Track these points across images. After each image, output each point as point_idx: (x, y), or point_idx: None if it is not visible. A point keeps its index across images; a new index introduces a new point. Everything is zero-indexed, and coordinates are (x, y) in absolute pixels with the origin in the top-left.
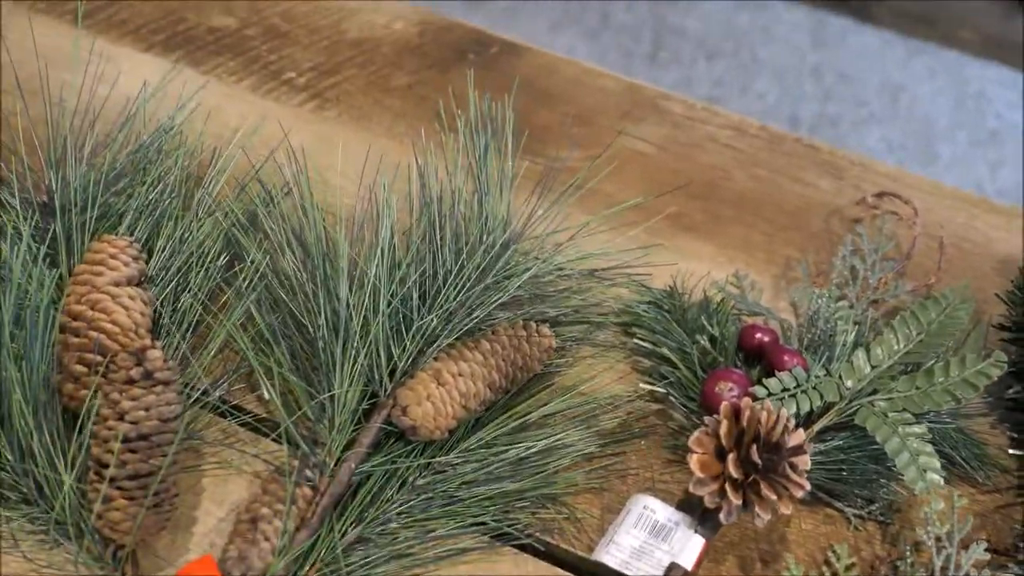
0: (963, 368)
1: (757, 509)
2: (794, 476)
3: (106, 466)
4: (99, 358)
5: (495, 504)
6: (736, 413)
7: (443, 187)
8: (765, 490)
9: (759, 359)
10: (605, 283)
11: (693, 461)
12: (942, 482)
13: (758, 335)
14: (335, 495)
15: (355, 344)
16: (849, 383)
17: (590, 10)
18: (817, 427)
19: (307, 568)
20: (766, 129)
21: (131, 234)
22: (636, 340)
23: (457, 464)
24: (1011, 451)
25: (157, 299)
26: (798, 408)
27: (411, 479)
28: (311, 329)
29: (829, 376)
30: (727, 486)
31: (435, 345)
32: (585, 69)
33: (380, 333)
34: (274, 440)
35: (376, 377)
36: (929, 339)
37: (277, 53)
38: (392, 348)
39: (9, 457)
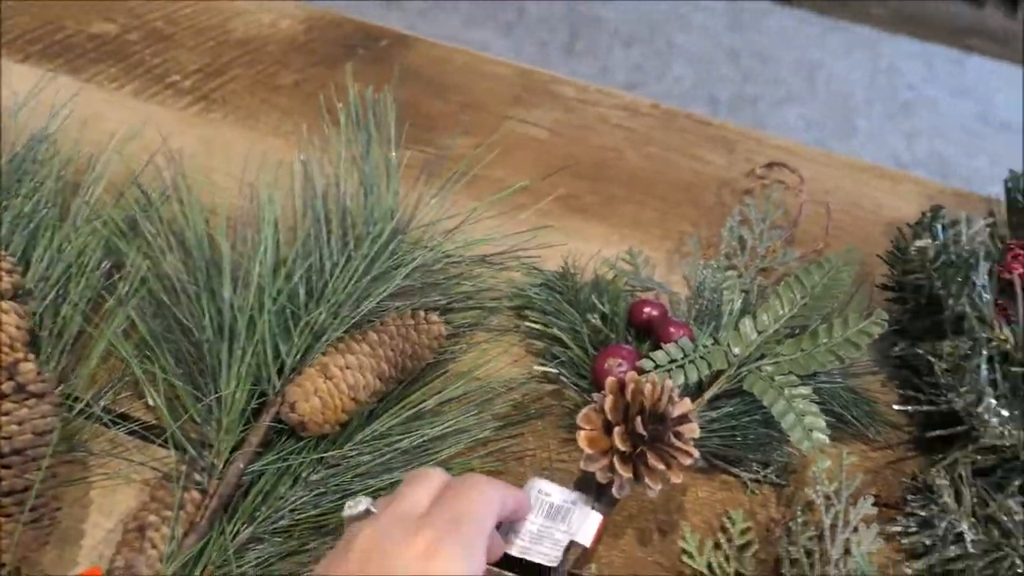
0: (845, 328)
1: (647, 480)
2: (681, 444)
3: None
4: None
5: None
6: (622, 387)
7: (329, 181)
8: (653, 460)
9: (650, 334)
10: (496, 268)
11: (581, 438)
12: (827, 440)
13: (647, 310)
14: (224, 497)
15: (241, 344)
16: (736, 350)
17: (505, 5)
18: (708, 395)
19: (198, 572)
20: (658, 107)
21: (5, 247)
22: (528, 323)
23: (351, 457)
24: (896, 407)
25: (37, 311)
26: (686, 378)
27: (304, 475)
28: (196, 332)
29: (717, 344)
30: (616, 460)
31: (324, 339)
32: (476, 57)
33: (266, 331)
34: (161, 446)
35: (265, 376)
36: (814, 302)
37: (160, 57)
38: (280, 345)
39: None
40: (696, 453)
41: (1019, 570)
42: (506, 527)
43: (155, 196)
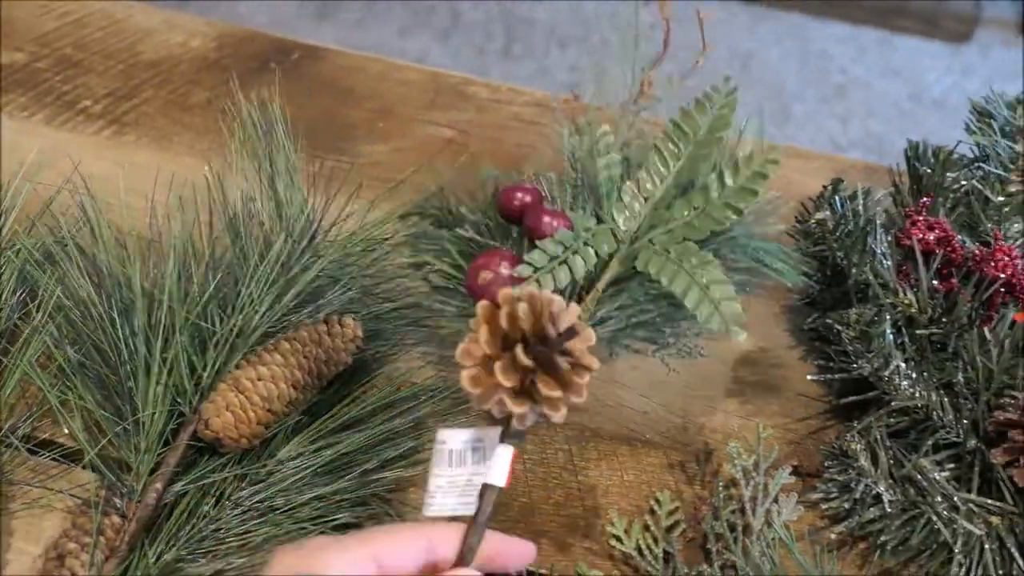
0: (737, 173)
1: (547, 410)
2: (575, 360)
3: None
4: None
5: (316, 509)
6: (496, 311)
7: (240, 196)
8: (545, 389)
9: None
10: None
11: (464, 379)
12: (740, 312)
13: (519, 196)
14: (144, 520)
15: (156, 365)
16: (623, 224)
17: (439, 11)
18: (602, 285)
19: None
20: (570, 103)
21: None
22: (426, 272)
23: (274, 471)
24: (809, 376)
25: None
26: (572, 274)
27: (226, 493)
28: (112, 355)
29: (601, 224)
30: (505, 397)
31: (239, 352)
32: (389, 64)
33: (180, 350)
34: (84, 469)
35: (182, 395)
36: (699, 150)
37: (71, 83)
38: (195, 363)
39: None
40: (595, 363)
41: (935, 527)
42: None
43: (68, 222)
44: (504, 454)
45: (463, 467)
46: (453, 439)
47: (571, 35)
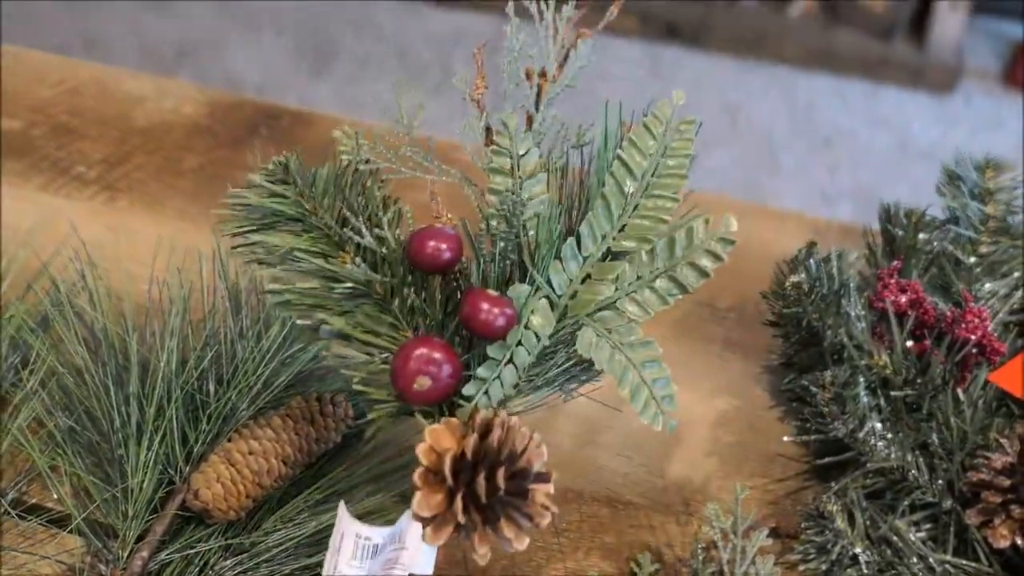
0: (689, 245)
1: (512, 542)
2: (543, 503)
3: None
4: None
5: None
6: (462, 436)
7: (239, 265)
8: (508, 530)
9: (443, 278)
10: None
11: (418, 501)
12: (674, 407)
13: (432, 245)
14: None
15: (149, 434)
16: (559, 288)
17: (432, 68)
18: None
19: None
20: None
21: None
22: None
23: (258, 543)
24: (786, 438)
25: None
26: (517, 368)
27: (211, 563)
28: (105, 423)
29: (539, 292)
30: (473, 540)
31: (232, 424)
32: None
33: (174, 420)
34: (72, 533)
35: (173, 463)
36: (652, 191)
37: (65, 150)
38: (188, 433)
39: None
40: (555, 508)
41: None
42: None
43: (64, 288)
44: (431, 550)
45: (388, 557)
46: (377, 535)
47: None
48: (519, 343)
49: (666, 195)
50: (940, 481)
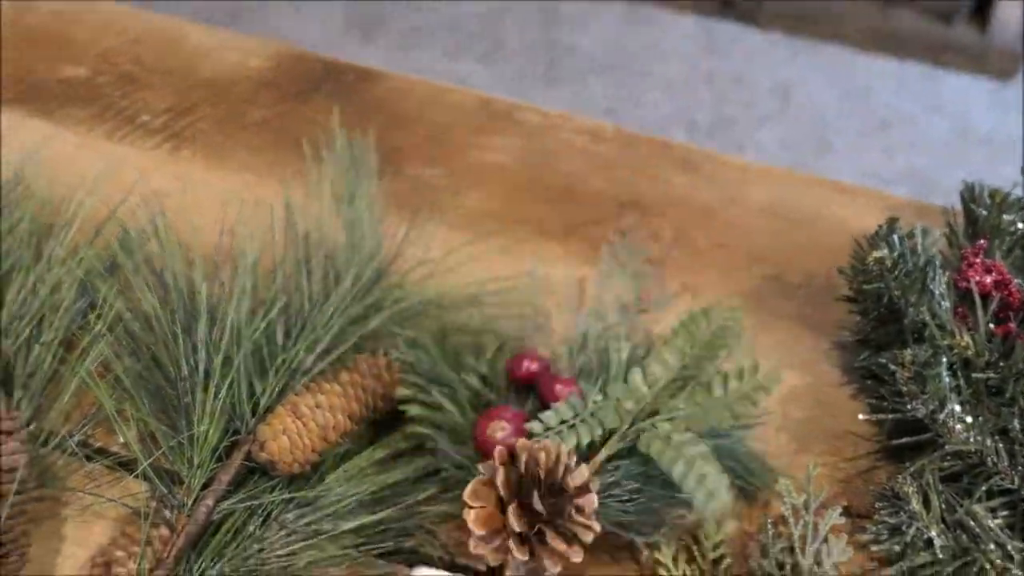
0: (741, 382)
1: (546, 561)
2: (582, 520)
3: None
4: None
5: (361, 536)
6: (512, 456)
7: (310, 219)
8: (552, 540)
9: (533, 391)
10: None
11: (472, 517)
12: (728, 502)
13: (526, 363)
14: (192, 534)
15: (216, 383)
16: (629, 404)
17: (483, 37)
18: (601, 457)
19: None
20: (620, 132)
21: None
22: (400, 390)
23: (321, 497)
24: (861, 416)
25: (10, 350)
26: (579, 440)
27: (274, 514)
28: (172, 370)
29: (607, 400)
30: (511, 541)
31: (299, 379)
32: (438, 88)
33: (241, 371)
34: (136, 479)
35: (239, 414)
36: (703, 351)
37: (130, 98)
38: (255, 384)
39: None
40: (598, 527)
41: (988, 574)
42: None
43: (134, 235)
44: None
45: None
46: None
47: (613, 64)
48: (583, 421)
49: (715, 352)
50: (1020, 467)
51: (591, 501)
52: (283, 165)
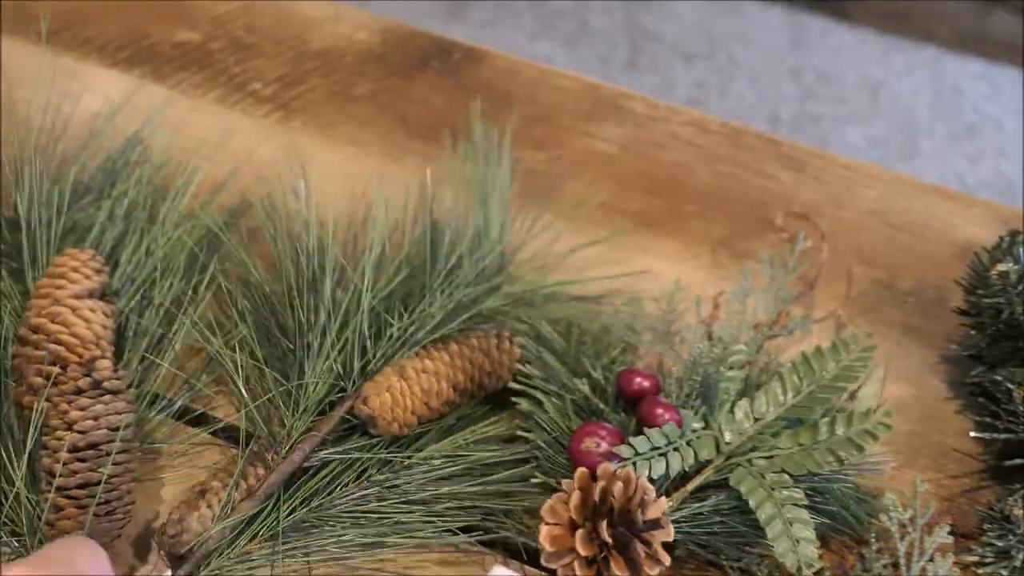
0: (849, 426)
1: None
2: (649, 552)
3: (56, 475)
4: (56, 370)
5: (448, 508)
6: (593, 479)
7: (440, 199)
8: (616, 567)
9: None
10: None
11: (543, 533)
12: (815, 557)
13: (638, 380)
14: (285, 473)
15: (332, 339)
16: (728, 438)
17: (567, 18)
18: (692, 486)
19: (244, 541)
20: (727, 125)
21: (96, 248)
22: (513, 382)
23: (416, 465)
24: (972, 434)
25: (122, 311)
26: (668, 467)
27: (368, 472)
28: (291, 322)
29: (707, 430)
30: (576, 563)
31: (409, 348)
32: (545, 71)
33: (356, 333)
34: (234, 449)
35: (347, 373)
36: (820, 391)
37: (242, 65)
38: (368, 348)
39: None
40: (667, 561)
41: None
42: None
43: (259, 201)
44: None
45: None
46: None
47: (698, 52)
48: (676, 448)
49: (833, 393)
50: None
51: (663, 536)
52: (390, 141)
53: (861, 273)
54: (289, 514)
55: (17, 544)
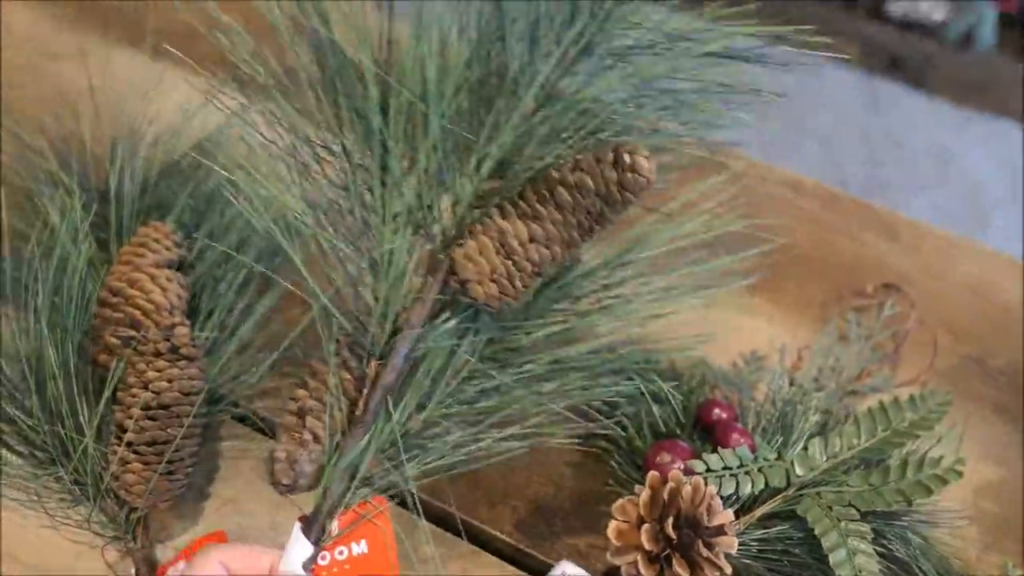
0: (920, 469)
1: None
2: (711, 555)
3: (126, 431)
4: (132, 332)
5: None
6: (663, 483)
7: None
8: (677, 566)
9: (713, 436)
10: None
11: (611, 528)
12: None
13: (716, 411)
14: (387, 386)
15: (397, 177)
16: (800, 471)
17: None
18: (759, 512)
19: (363, 467)
20: (821, 187)
21: (179, 223)
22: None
23: (524, 374)
24: None
25: (196, 285)
26: (738, 488)
27: (476, 356)
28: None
29: (780, 461)
30: (640, 558)
31: (506, 173)
32: None
33: (431, 157)
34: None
35: (427, 220)
36: (894, 437)
37: None
38: (447, 181)
39: (40, 417)
40: (728, 569)
41: None
42: None
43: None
44: None
45: None
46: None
47: (769, 110)
48: (747, 473)
49: (906, 441)
50: None
51: (726, 543)
52: None
53: (951, 346)
54: (407, 419)
55: (79, 492)
